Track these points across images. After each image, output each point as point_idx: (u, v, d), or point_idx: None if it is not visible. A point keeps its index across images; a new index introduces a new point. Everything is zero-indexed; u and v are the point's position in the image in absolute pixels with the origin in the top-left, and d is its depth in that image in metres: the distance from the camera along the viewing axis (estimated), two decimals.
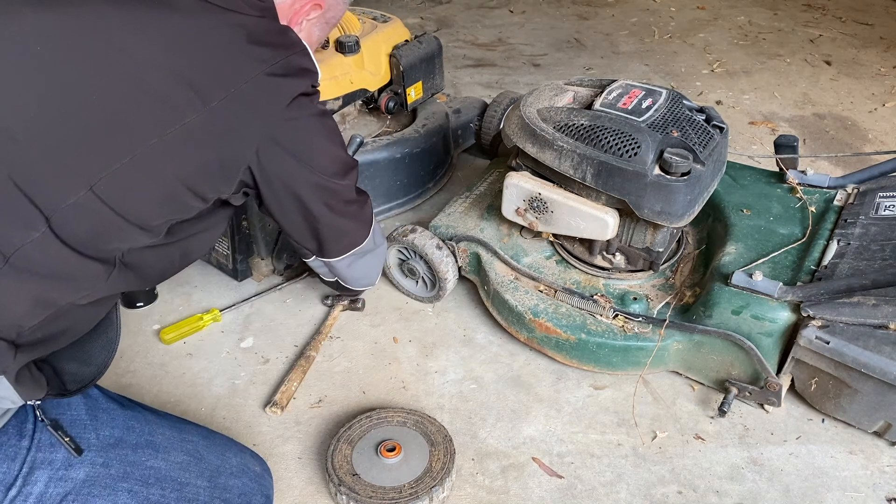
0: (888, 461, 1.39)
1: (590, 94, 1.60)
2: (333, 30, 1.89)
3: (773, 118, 2.68)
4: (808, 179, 1.71)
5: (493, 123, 2.19)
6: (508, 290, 1.60)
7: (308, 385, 1.57)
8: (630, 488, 1.35)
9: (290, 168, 1.02)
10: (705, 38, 3.43)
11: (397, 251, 1.78)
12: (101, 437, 1.00)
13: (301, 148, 1.02)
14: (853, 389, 1.35)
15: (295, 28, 1.05)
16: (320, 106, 1.05)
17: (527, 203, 1.53)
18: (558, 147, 1.43)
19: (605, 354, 1.49)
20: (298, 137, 1.00)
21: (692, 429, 1.47)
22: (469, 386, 1.57)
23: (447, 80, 2.77)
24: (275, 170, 1.00)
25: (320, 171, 1.06)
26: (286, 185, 1.04)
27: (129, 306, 1.78)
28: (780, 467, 1.38)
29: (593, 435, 1.46)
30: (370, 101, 2.08)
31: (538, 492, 1.35)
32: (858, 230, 1.51)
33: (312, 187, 1.08)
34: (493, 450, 1.43)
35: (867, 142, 2.52)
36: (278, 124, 0.97)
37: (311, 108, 1.01)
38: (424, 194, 2.17)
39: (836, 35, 3.44)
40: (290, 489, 1.35)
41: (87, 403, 1.03)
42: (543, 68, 3.15)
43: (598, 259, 1.62)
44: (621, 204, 1.43)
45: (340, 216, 1.17)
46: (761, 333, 1.39)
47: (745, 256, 1.51)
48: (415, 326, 1.74)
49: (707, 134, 1.44)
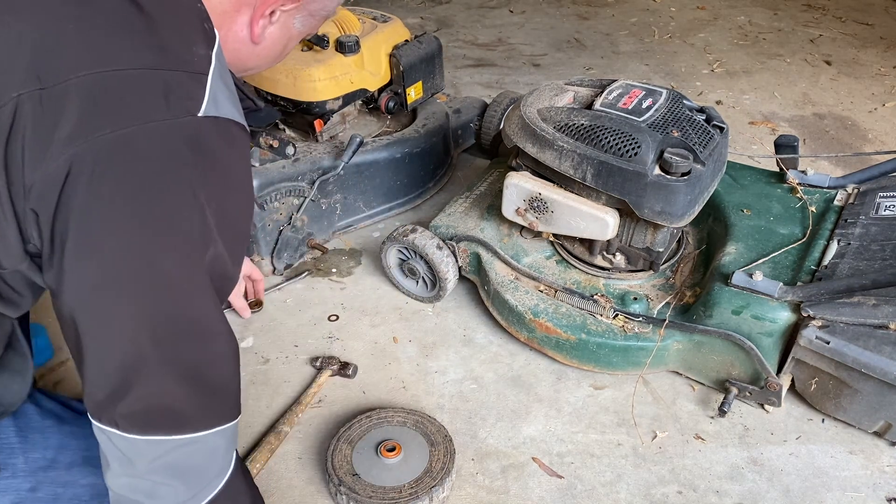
0: (888, 461, 1.39)
1: (590, 94, 1.60)
2: (333, 28, 1.90)
3: (773, 118, 2.68)
4: (808, 179, 1.71)
5: (493, 123, 2.19)
6: (509, 290, 1.60)
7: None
8: (630, 488, 1.35)
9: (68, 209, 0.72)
10: (705, 38, 3.43)
11: (397, 251, 1.78)
12: (29, 461, 0.95)
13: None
14: (853, 389, 1.35)
15: (261, 21, 0.90)
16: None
17: (527, 203, 1.53)
18: (558, 147, 1.43)
19: (605, 354, 1.49)
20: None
21: (692, 429, 1.47)
22: (469, 386, 1.57)
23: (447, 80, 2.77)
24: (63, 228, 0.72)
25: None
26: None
27: None
28: (780, 467, 1.38)
29: (593, 435, 1.46)
30: (370, 101, 2.08)
31: (538, 492, 1.35)
32: (859, 230, 1.51)
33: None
34: (493, 450, 1.43)
35: (867, 142, 2.52)
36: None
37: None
38: (424, 194, 2.17)
39: (836, 35, 3.44)
40: (290, 489, 1.35)
41: (18, 424, 0.97)
42: (543, 68, 3.15)
43: (598, 259, 1.62)
44: (621, 204, 1.43)
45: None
46: (761, 333, 1.39)
47: (746, 256, 1.51)
48: (415, 326, 1.74)
49: (707, 134, 1.44)
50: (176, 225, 0.75)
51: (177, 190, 0.74)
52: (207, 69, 0.79)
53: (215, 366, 0.83)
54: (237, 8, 0.87)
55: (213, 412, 0.83)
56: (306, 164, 1.85)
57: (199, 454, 0.83)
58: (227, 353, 0.84)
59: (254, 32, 0.90)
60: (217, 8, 0.86)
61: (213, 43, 0.82)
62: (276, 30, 0.94)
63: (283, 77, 1.84)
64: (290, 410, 1.48)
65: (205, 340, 0.80)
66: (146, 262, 0.74)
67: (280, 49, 0.98)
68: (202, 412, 0.81)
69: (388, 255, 1.79)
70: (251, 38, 0.91)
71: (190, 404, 0.80)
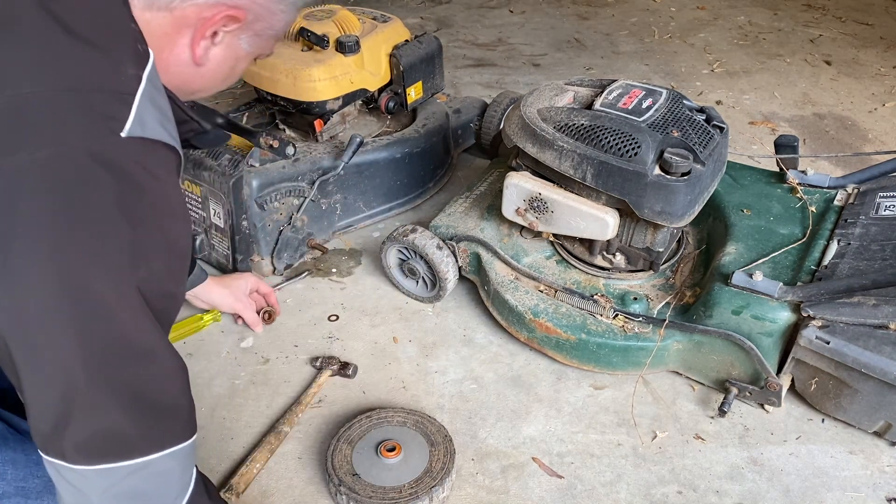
0: (888, 461, 1.39)
1: (590, 94, 1.60)
2: (333, 28, 1.90)
3: (773, 118, 2.68)
4: (808, 179, 1.71)
5: (493, 123, 2.19)
6: (508, 290, 1.60)
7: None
8: (630, 488, 1.35)
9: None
10: (705, 38, 3.43)
11: (397, 251, 1.78)
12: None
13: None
14: (853, 389, 1.35)
15: (203, 42, 0.89)
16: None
17: (527, 203, 1.53)
18: (558, 147, 1.43)
19: (605, 354, 1.49)
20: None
21: (692, 429, 1.47)
22: (469, 386, 1.57)
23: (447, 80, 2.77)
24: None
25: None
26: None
27: None
28: (780, 467, 1.38)
29: (593, 435, 1.46)
30: (370, 101, 2.08)
31: (538, 492, 1.35)
32: (859, 230, 1.51)
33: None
34: (493, 450, 1.43)
35: (867, 142, 2.52)
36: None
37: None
38: (424, 194, 2.17)
39: (836, 35, 3.44)
40: (290, 489, 1.35)
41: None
42: (543, 68, 3.15)
43: (598, 259, 1.62)
44: (621, 204, 1.43)
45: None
46: (761, 333, 1.39)
47: (746, 256, 1.51)
48: (415, 326, 1.74)
49: (707, 134, 1.44)
50: (99, 246, 0.73)
51: (96, 211, 0.73)
52: (135, 89, 0.78)
53: (157, 386, 0.80)
54: (177, 30, 0.87)
55: (161, 434, 0.81)
56: (306, 164, 1.85)
57: (152, 479, 0.81)
58: (169, 372, 0.82)
59: (196, 54, 0.90)
60: (156, 31, 0.86)
61: (144, 63, 0.80)
62: (221, 51, 0.93)
63: (283, 77, 1.84)
64: (290, 410, 1.48)
65: (143, 361, 0.78)
66: (72, 287, 0.72)
67: (227, 70, 0.96)
68: (149, 435, 0.79)
69: (388, 255, 1.79)
70: (193, 60, 0.90)
71: (135, 428, 0.78)
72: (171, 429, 0.82)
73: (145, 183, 0.77)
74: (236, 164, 1.75)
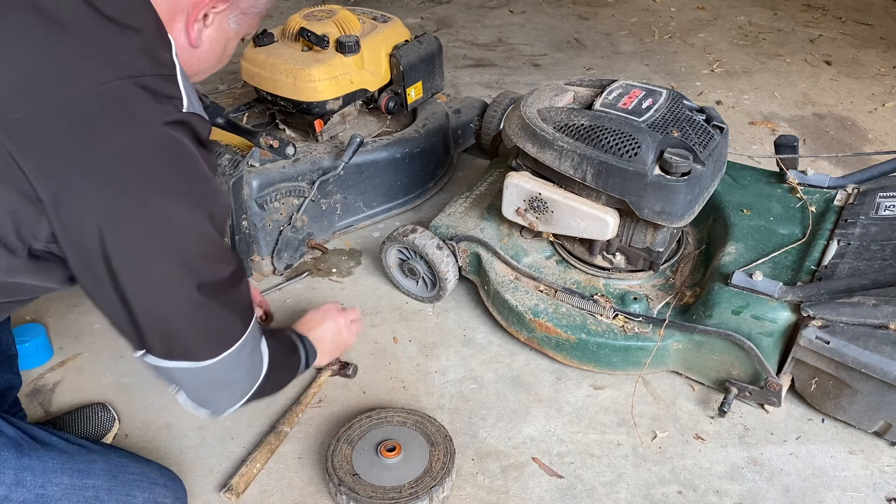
0: (888, 461, 1.39)
1: (590, 94, 1.60)
2: (333, 28, 1.90)
3: (773, 118, 2.68)
4: (808, 179, 1.71)
5: (493, 123, 2.19)
6: (508, 290, 1.60)
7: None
8: (630, 488, 1.35)
9: (95, 216, 0.81)
10: (705, 38, 3.43)
11: (397, 251, 1.78)
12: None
13: (118, 190, 0.82)
14: (853, 389, 1.35)
15: (196, 24, 0.94)
16: (171, 141, 0.85)
17: (527, 203, 1.53)
18: (558, 147, 1.43)
19: (605, 354, 1.49)
20: (115, 176, 0.82)
21: (692, 429, 1.47)
22: (469, 386, 1.57)
23: (447, 80, 2.77)
24: (75, 221, 0.82)
25: (150, 223, 0.85)
26: (92, 241, 0.83)
27: None
28: (780, 467, 1.38)
29: (593, 435, 1.46)
30: (370, 101, 2.08)
31: (538, 492, 1.35)
32: (858, 230, 1.51)
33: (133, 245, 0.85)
34: (493, 450, 1.43)
35: (867, 142, 2.52)
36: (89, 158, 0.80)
37: (147, 138, 0.83)
38: (424, 194, 2.17)
39: (836, 35, 3.44)
40: (290, 489, 1.36)
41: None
42: (543, 68, 3.15)
43: (598, 259, 1.62)
44: (621, 204, 1.43)
45: (186, 303, 0.90)
46: (761, 333, 1.39)
47: (746, 256, 1.51)
48: (415, 326, 1.74)
49: (707, 134, 1.44)
50: (186, 190, 0.87)
51: (189, 167, 0.87)
52: (175, 72, 0.88)
53: (237, 283, 0.96)
54: (172, 16, 0.91)
55: (246, 316, 0.99)
56: (306, 165, 1.85)
57: (255, 354, 1.03)
58: (241, 274, 0.97)
59: (191, 37, 0.94)
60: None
61: (171, 47, 0.89)
62: (213, 32, 0.97)
63: (283, 77, 1.84)
64: (290, 410, 1.48)
65: (224, 267, 0.93)
66: (175, 221, 0.86)
67: (220, 51, 1.01)
68: (243, 321, 0.97)
69: (388, 255, 1.79)
70: (189, 42, 0.95)
71: (234, 320, 0.96)
72: (250, 313, 1.00)
73: (206, 148, 0.91)
74: (236, 164, 1.75)
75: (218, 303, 0.92)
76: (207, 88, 2.92)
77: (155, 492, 1.14)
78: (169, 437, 1.46)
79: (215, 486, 1.36)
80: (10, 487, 0.98)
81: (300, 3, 3.94)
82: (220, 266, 0.92)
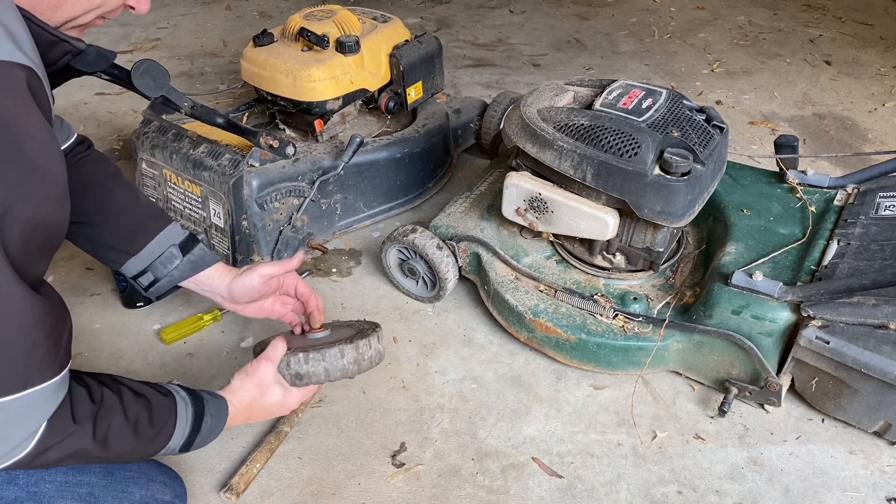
0: (888, 461, 1.39)
1: (590, 94, 1.60)
2: (333, 28, 1.90)
3: (773, 118, 2.68)
4: (808, 179, 1.71)
5: (493, 123, 2.19)
6: (508, 290, 1.60)
7: None
8: (630, 488, 1.35)
9: None
10: (705, 38, 3.43)
11: (397, 251, 1.78)
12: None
13: None
14: (853, 389, 1.35)
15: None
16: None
17: (527, 203, 1.53)
18: (558, 147, 1.43)
19: (605, 354, 1.49)
20: None
21: (692, 429, 1.47)
22: (469, 386, 1.57)
23: (447, 80, 2.77)
24: None
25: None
26: None
27: (129, 306, 1.78)
28: (780, 467, 1.38)
29: (593, 435, 1.46)
30: (370, 101, 2.08)
31: (538, 492, 1.35)
32: (858, 230, 1.51)
33: None
34: (493, 450, 1.43)
35: (867, 142, 2.52)
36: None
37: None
38: (424, 194, 2.17)
39: (836, 35, 3.44)
40: (290, 489, 1.36)
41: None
42: (543, 68, 3.15)
43: (598, 259, 1.62)
44: (621, 204, 1.43)
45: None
46: (761, 333, 1.39)
47: (746, 256, 1.51)
48: (415, 326, 1.74)
49: (707, 134, 1.44)
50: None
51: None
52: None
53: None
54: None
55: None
56: (306, 164, 1.85)
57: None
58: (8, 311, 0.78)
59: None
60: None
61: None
62: (70, 5, 0.89)
63: (283, 77, 1.84)
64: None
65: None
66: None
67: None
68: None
69: (388, 255, 1.79)
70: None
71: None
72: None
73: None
74: (236, 164, 1.75)
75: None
76: (208, 88, 2.93)
77: (152, 489, 1.14)
78: None
79: (215, 486, 1.36)
80: (1, 486, 0.97)
81: (300, 3, 3.94)
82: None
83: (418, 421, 1.49)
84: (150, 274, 1.25)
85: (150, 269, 1.25)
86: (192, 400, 1.06)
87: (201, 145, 1.82)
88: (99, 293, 1.84)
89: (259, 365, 1.16)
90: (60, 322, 0.86)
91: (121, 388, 0.97)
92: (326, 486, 1.35)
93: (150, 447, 0.99)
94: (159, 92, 1.46)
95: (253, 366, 1.16)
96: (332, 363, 1.20)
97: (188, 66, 3.20)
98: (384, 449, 1.43)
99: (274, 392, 1.17)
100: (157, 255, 1.24)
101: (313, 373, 1.20)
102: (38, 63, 0.82)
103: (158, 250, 1.24)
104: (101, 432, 0.91)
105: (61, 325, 0.86)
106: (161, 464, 1.23)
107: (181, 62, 3.24)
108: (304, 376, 1.19)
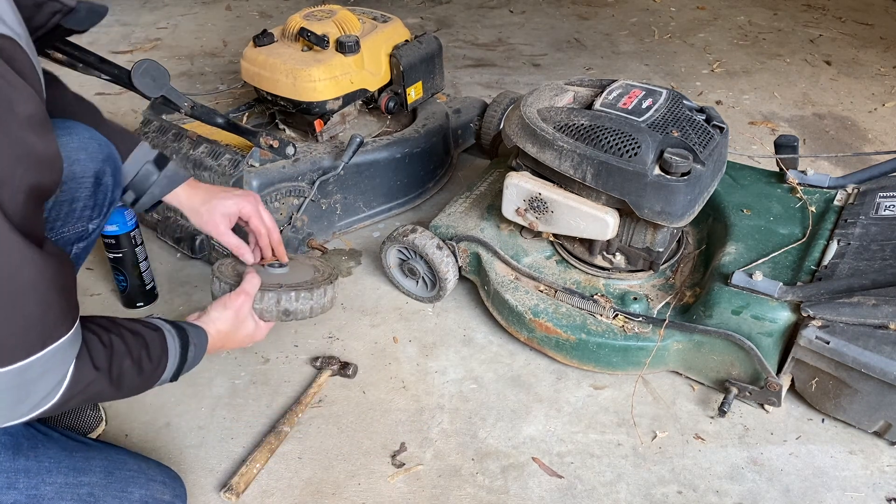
0: (888, 461, 1.39)
1: (590, 94, 1.60)
2: (333, 28, 1.90)
3: (773, 118, 2.68)
4: (808, 179, 1.71)
5: (493, 123, 2.19)
6: (508, 290, 1.60)
7: None
8: (630, 488, 1.35)
9: None
10: (705, 38, 3.43)
11: (397, 251, 1.78)
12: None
13: None
14: (853, 389, 1.35)
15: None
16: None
17: (527, 203, 1.53)
18: (558, 147, 1.43)
19: (605, 354, 1.49)
20: None
21: (692, 429, 1.47)
22: (469, 386, 1.57)
23: (447, 80, 2.77)
24: None
25: None
26: None
27: (129, 306, 1.78)
28: (780, 467, 1.38)
29: (593, 435, 1.46)
30: (370, 101, 2.08)
31: (538, 492, 1.35)
32: (858, 230, 1.51)
33: None
34: (493, 450, 1.43)
35: (867, 142, 2.52)
36: None
37: None
38: (424, 194, 2.17)
39: (836, 35, 3.44)
40: (290, 489, 1.36)
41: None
42: (543, 68, 3.15)
43: (598, 259, 1.62)
44: (621, 204, 1.43)
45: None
46: (761, 333, 1.39)
47: (746, 256, 1.51)
48: (415, 326, 1.74)
49: (707, 134, 1.44)
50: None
51: None
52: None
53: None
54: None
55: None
56: (306, 165, 1.85)
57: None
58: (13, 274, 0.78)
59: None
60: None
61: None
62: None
63: (283, 77, 1.84)
64: (291, 410, 1.48)
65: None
66: None
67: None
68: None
69: (388, 255, 1.79)
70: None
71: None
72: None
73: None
74: (236, 164, 1.75)
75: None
76: (207, 88, 2.93)
77: (152, 488, 1.14)
78: (169, 436, 1.46)
79: (215, 486, 1.36)
80: (1, 491, 0.98)
81: (300, 3, 3.95)
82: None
83: (418, 421, 1.49)
84: (132, 192, 1.29)
85: (130, 188, 1.28)
86: (177, 332, 1.10)
87: (201, 145, 1.82)
88: (99, 293, 1.84)
89: (238, 298, 1.21)
90: (68, 276, 0.88)
91: (120, 329, 1.00)
92: (326, 486, 1.35)
93: (150, 380, 1.04)
94: (159, 92, 1.46)
95: (231, 298, 1.21)
96: (318, 301, 1.31)
97: (188, 66, 3.20)
98: (384, 449, 1.43)
99: (247, 325, 1.24)
100: (135, 174, 1.27)
101: (301, 310, 1.28)
102: (18, 32, 0.80)
103: (134, 169, 1.27)
104: (115, 374, 0.95)
105: (69, 279, 0.89)
106: (161, 464, 1.23)
107: (181, 62, 3.24)
108: (293, 313, 1.28)
